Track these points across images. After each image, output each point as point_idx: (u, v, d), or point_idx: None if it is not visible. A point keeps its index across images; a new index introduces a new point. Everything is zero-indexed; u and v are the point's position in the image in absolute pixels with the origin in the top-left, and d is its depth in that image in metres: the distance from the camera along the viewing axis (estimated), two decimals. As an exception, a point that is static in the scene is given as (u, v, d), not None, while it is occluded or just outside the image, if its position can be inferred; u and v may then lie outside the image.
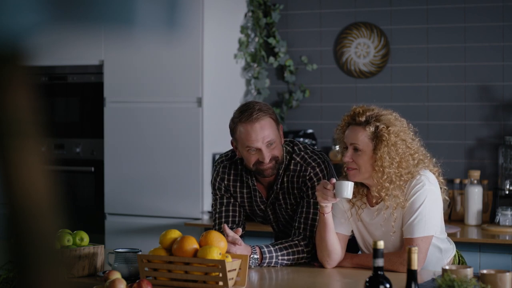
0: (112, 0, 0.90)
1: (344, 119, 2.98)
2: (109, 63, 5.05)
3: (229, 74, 5.13)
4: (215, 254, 2.67)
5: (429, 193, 2.90)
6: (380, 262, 2.24)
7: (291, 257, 3.07)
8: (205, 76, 4.84)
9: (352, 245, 3.18)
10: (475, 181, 4.61)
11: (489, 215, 4.67)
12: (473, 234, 4.34)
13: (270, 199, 3.23)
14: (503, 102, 4.81)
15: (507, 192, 4.68)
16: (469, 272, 2.54)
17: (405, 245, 2.90)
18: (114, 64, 5.03)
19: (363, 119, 2.91)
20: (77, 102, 5.27)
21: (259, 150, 3.06)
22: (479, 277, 2.53)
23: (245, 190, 3.27)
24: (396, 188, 2.91)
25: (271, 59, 5.24)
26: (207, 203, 4.83)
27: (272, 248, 3.05)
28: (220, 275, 2.64)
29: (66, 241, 2.92)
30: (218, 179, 3.28)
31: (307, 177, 3.15)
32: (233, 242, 2.93)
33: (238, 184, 3.27)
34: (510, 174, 4.70)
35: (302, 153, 3.18)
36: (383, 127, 2.88)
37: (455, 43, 4.91)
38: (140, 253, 2.87)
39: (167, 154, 4.91)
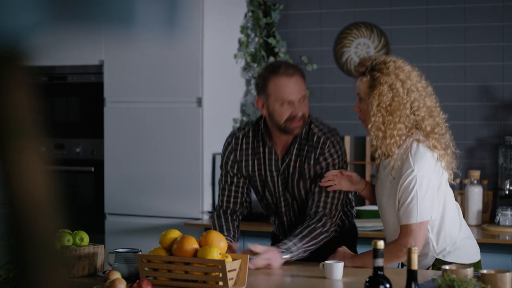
0: (112, 0, 0.90)
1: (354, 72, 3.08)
2: (109, 63, 5.05)
3: (229, 74, 5.13)
4: (215, 254, 2.67)
5: (417, 179, 2.89)
6: (380, 262, 2.24)
7: (313, 241, 3.09)
8: (205, 76, 4.84)
9: (350, 243, 3.19)
10: (475, 181, 4.61)
11: (489, 215, 4.67)
12: (473, 234, 4.33)
13: (284, 163, 3.19)
14: (503, 102, 4.81)
15: (507, 192, 4.68)
16: (469, 272, 2.54)
17: (400, 232, 2.92)
18: (114, 64, 5.03)
19: (362, 69, 2.99)
20: (77, 102, 5.27)
21: (292, 104, 3.08)
22: (479, 277, 2.53)
23: (256, 157, 3.24)
24: (388, 137, 2.91)
25: (271, 59, 5.24)
26: (207, 203, 4.84)
27: (295, 246, 3.05)
28: (220, 275, 2.64)
29: (66, 241, 2.92)
30: (226, 153, 3.28)
31: (326, 152, 3.16)
32: (230, 247, 2.99)
33: (250, 152, 3.25)
34: (510, 174, 4.70)
35: (321, 126, 3.21)
36: (378, 76, 2.92)
37: (455, 43, 4.91)
38: (140, 253, 2.87)
39: (167, 154, 4.91)
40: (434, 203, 2.94)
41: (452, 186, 3.12)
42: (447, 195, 3.00)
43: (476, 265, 3.05)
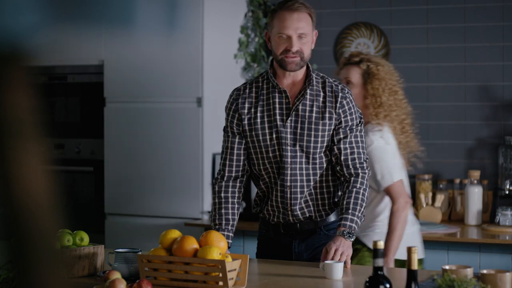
0: (112, 0, 0.91)
1: (342, 61, 3.62)
2: (109, 63, 5.05)
3: (229, 74, 5.13)
4: (215, 254, 2.67)
5: (379, 148, 3.48)
6: (380, 262, 2.24)
7: (364, 204, 3.09)
8: (205, 76, 4.84)
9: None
10: (475, 181, 4.62)
11: (489, 215, 4.67)
12: (473, 234, 4.34)
13: (295, 106, 3.11)
14: (503, 102, 4.81)
15: (507, 192, 4.68)
16: (469, 272, 2.54)
17: (390, 198, 3.51)
18: (114, 64, 5.03)
19: (357, 59, 3.57)
20: (77, 102, 5.27)
21: (289, 38, 3.09)
22: (479, 277, 2.53)
23: (261, 103, 3.17)
24: (380, 107, 3.55)
25: (271, 59, 5.23)
26: (207, 203, 4.83)
27: (353, 220, 3.03)
28: (220, 275, 2.64)
29: (66, 241, 2.92)
30: (228, 105, 3.23)
31: (348, 97, 3.14)
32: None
33: (254, 99, 3.19)
34: (510, 174, 4.70)
35: (335, 80, 3.24)
36: (373, 66, 3.55)
37: (455, 43, 4.91)
38: (140, 253, 2.87)
39: (167, 154, 4.91)
40: (397, 162, 3.50)
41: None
42: None
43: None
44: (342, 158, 3.11)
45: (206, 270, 2.67)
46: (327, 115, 3.12)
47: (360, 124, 3.17)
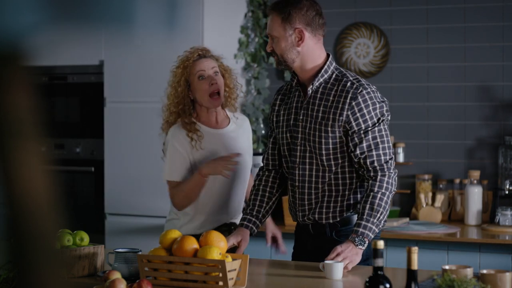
0: (112, 0, 0.91)
1: (194, 54, 3.54)
2: (109, 63, 5.05)
3: (229, 74, 5.12)
4: (215, 254, 2.67)
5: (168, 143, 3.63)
6: (380, 262, 2.24)
7: (381, 209, 2.95)
8: (205, 76, 4.83)
9: None
10: (475, 181, 4.62)
11: (489, 215, 4.67)
12: (473, 234, 4.34)
13: (305, 102, 3.08)
14: (503, 102, 4.81)
15: (507, 192, 4.68)
16: (469, 272, 2.54)
17: None
18: (114, 64, 5.03)
19: (209, 54, 3.52)
20: (77, 102, 5.27)
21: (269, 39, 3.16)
22: (479, 277, 2.53)
23: (285, 101, 3.21)
24: None
25: (271, 59, 5.24)
26: (207, 203, 4.83)
27: (367, 227, 2.92)
28: (220, 275, 2.64)
29: (66, 241, 2.92)
30: (271, 102, 3.35)
31: (359, 97, 2.98)
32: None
33: (284, 97, 3.24)
34: (510, 174, 4.70)
35: (355, 76, 3.08)
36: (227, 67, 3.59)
37: (455, 43, 4.91)
38: (140, 253, 2.87)
39: (167, 154, 4.90)
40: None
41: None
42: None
43: None
44: (362, 162, 3.00)
45: (206, 270, 2.67)
46: (331, 116, 3.02)
47: (379, 123, 3.00)
